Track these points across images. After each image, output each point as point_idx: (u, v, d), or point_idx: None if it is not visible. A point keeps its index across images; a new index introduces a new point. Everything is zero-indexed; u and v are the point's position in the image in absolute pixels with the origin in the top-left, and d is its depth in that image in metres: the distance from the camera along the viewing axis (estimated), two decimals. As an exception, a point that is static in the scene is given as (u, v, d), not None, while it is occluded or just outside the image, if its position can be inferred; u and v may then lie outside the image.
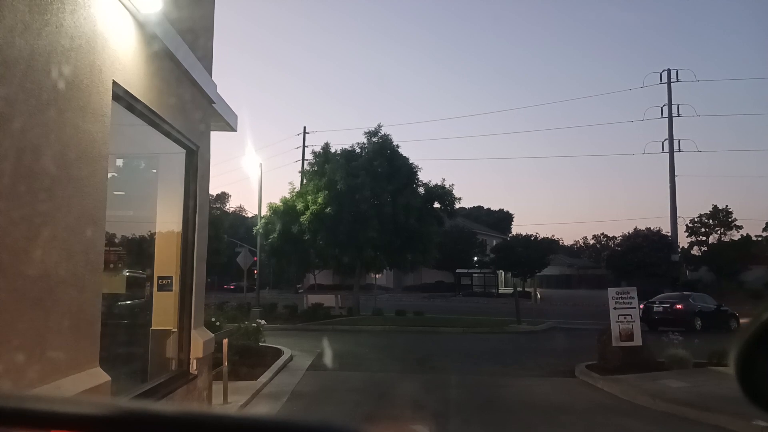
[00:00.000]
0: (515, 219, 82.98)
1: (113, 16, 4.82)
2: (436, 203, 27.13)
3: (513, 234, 63.67)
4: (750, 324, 1.11)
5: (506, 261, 48.57)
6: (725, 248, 52.29)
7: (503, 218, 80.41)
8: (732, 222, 56.68)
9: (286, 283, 52.60)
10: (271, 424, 0.82)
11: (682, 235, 54.14)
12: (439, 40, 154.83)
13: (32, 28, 3.67)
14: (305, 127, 47.44)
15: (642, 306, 22.50)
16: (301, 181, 28.94)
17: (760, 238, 54.68)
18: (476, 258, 55.34)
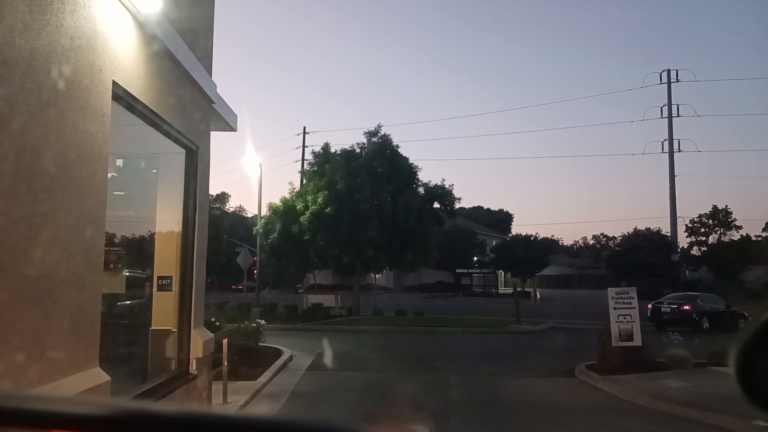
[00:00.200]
0: (515, 219, 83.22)
1: (113, 16, 4.82)
2: (436, 203, 27.15)
3: (513, 234, 63.68)
4: (750, 324, 1.11)
5: (506, 261, 48.57)
6: (725, 248, 52.33)
7: (503, 218, 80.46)
8: (732, 222, 56.78)
9: (286, 283, 52.60)
10: (271, 424, 0.82)
11: (682, 235, 54.26)
12: (439, 40, 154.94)
13: (32, 28, 3.66)
14: (305, 127, 47.63)
15: (650, 306, 22.66)
16: (301, 181, 28.94)
17: (760, 238, 54.74)
18: (476, 258, 55.36)
